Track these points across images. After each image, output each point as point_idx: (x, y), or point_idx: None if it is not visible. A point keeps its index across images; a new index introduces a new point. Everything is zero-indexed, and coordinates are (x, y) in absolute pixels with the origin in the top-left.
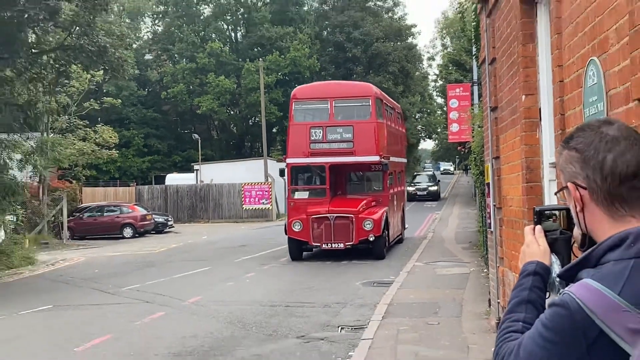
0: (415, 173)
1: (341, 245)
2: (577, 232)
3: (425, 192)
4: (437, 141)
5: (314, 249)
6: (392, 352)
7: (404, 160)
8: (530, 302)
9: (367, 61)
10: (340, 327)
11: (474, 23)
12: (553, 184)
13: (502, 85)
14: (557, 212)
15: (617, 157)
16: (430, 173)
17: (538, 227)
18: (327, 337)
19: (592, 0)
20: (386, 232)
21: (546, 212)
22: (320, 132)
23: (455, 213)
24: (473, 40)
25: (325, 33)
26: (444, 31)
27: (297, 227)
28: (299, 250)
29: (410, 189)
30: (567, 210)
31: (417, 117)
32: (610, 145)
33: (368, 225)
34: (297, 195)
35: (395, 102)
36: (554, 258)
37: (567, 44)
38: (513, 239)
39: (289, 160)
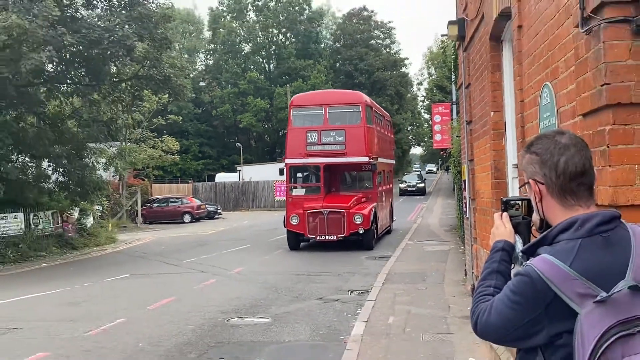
0: (406, 173)
1: (333, 237)
2: (535, 217)
3: (414, 189)
4: (424, 147)
5: (310, 240)
6: (391, 310)
7: (393, 161)
8: (499, 272)
9: (370, 86)
10: (350, 291)
11: (454, 56)
12: (515, 180)
13: (475, 104)
14: (519, 202)
15: (568, 159)
16: (418, 173)
17: (505, 213)
18: (340, 298)
19: (545, 38)
20: (375, 225)
21: (511, 202)
22: (315, 136)
23: (438, 204)
24: (452, 69)
25: (338, 64)
26: (430, 62)
27: (294, 221)
28: (296, 241)
29: (402, 185)
30: (528, 200)
31: (408, 129)
32: (563, 150)
33: (358, 219)
34: (295, 192)
35: (385, 111)
36: (517, 238)
37: (526, 72)
38: (484, 223)
39: (287, 161)
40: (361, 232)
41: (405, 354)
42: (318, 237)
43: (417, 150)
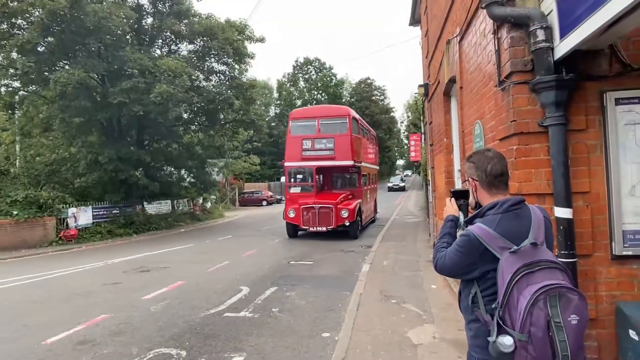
0: (392, 176)
1: (324, 229)
2: (471, 200)
3: (397, 187)
4: (404, 160)
5: (305, 230)
6: (385, 256)
7: (377, 167)
8: (449, 234)
9: (372, 124)
10: (360, 246)
11: (422, 105)
12: (458, 179)
13: (435, 134)
14: (461, 191)
15: (492, 166)
16: (401, 176)
17: (452, 199)
18: (354, 250)
19: (476, 94)
20: (359, 218)
21: (456, 191)
22: (309, 143)
23: (413, 194)
24: (421, 113)
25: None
26: (408, 109)
27: (291, 214)
28: (294, 230)
29: (389, 184)
30: (466, 191)
31: (395, 149)
32: (489, 160)
33: (344, 214)
34: (292, 190)
35: (370, 128)
36: (460, 214)
37: (465, 114)
38: (440, 205)
39: (286, 164)
40: (347, 224)
41: (394, 282)
42: (311, 228)
43: (400, 162)
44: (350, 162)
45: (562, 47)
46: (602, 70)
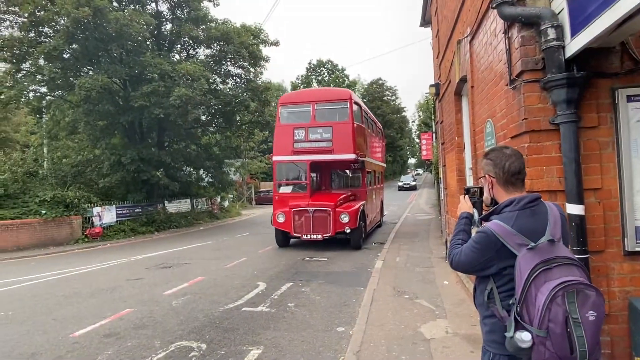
0: (403, 175)
1: (319, 237)
2: (487, 197)
3: (408, 186)
4: (416, 158)
5: (299, 238)
6: (398, 252)
7: (383, 165)
8: (464, 231)
9: (383, 124)
10: (374, 242)
11: (433, 105)
12: (470, 177)
13: (446, 133)
14: (476, 189)
15: (510, 164)
16: (411, 175)
17: (466, 196)
18: (368, 247)
19: (488, 93)
20: (363, 224)
21: (470, 189)
22: (302, 133)
23: (425, 192)
24: (432, 112)
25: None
26: (419, 108)
27: (280, 219)
28: (285, 239)
29: (400, 183)
30: (480, 188)
31: (407, 148)
32: (507, 158)
33: (345, 218)
34: (282, 190)
35: (377, 120)
36: (475, 211)
37: (476, 112)
38: (452, 203)
39: (275, 158)
40: (348, 231)
41: (406, 278)
42: (303, 236)
43: (412, 160)
44: (352, 156)
45: (573, 45)
46: (614, 68)
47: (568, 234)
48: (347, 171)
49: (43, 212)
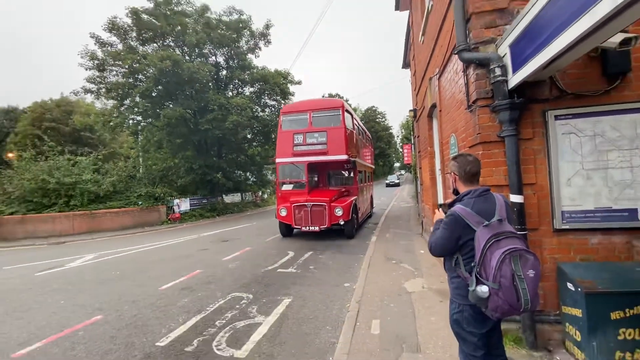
0: (389, 175)
1: (316, 228)
2: (451, 187)
3: (393, 183)
4: (400, 163)
5: (299, 229)
6: (387, 231)
7: (372, 166)
8: (439, 229)
9: (376, 139)
10: (370, 224)
11: (412, 124)
12: (439, 176)
13: (422, 144)
14: (445, 204)
15: (471, 167)
16: (396, 175)
17: (440, 209)
18: (366, 226)
19: (452, 115)
20: (355, 216)
21: (442, 204)
22: (301, 137)
23: (407, 187)
24: (412, 129)
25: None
26: (402, 127)
27: (283, 213)
28: (288, 230)
29: (387, 181)
30: (449, 204)
31: (393, 156)
32: (468, 163)
33: (339, 212)
34: (284, 187)
35: (366, 129)
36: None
37: (444, 129)
38: (425, 194)
39: (277, 160)
40: (342, 223)
41: (394, 248)
42: (303, 228)
43: (397, 164)
44: (344, 157)
45: (514, 79)
46: (545, 95)
47: (511, 215)
48: (341, 171)
49: (140, 203)
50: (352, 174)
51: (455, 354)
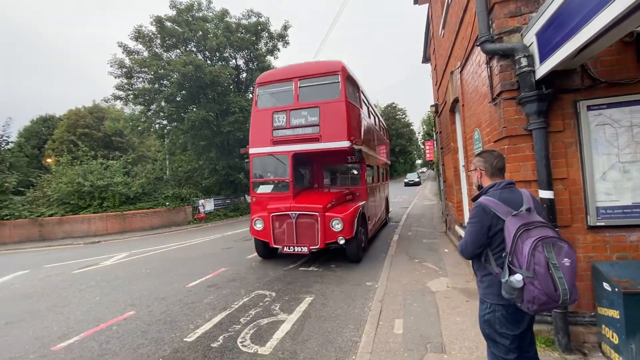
0: (409, 173)
1: (304, 249)
2: (476, 183)
3: (413, 182)
4: (422, 159)
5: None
6: (409, 229)
7: (388, 162)
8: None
9: (396, 136)
10: (392, 222)
11: (433, 120)
12: (463, 173)
13: (444, 140)
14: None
15: (497, 162)
16: (416, 173)
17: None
18: (390, 224)
19: (475, 108)
20: (363, 230)
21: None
22: (283, 118)
23: (429, 184)
24: (433, 125)
25: None
26: (423, 123)
27: (258, 226)
28: (266, 250)
29: (406, 180)
30: (473, 198)
31: (414, 153)
32: (495, 158)
33: (337, 226)
34: (260, 189)
35: (379, 115)
36: None
37: (467, 124)
38: (449, 191)
39: (251, 151)
40: (341, 242)
41: (416, 247)
42: (285, 248)
43: (419, 161)
44: (345, 144)
45: (542, 69)
46: (576, 85)
47: (540, 208)
48: (342, 165)
49: (167, 203)
50: (358, 170)
51: (483, 356)
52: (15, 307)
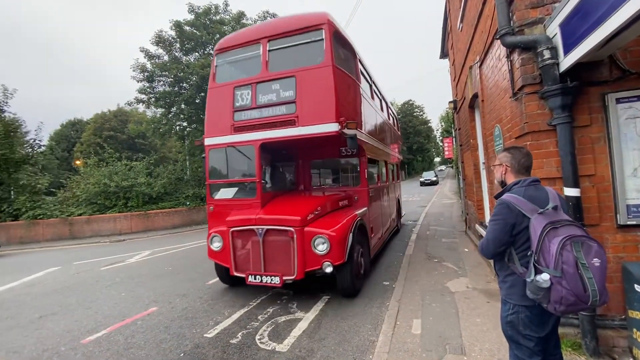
0: (425, 172)
1: (276, 280)
2: (499, 179)
3: (429, 181)
4: (440, 158)
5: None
6: (427, 228)
7: (399, 156)
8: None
9: (414, 133)
10: (408, 220)
11: (452, 116)
12: (483, 170)
13: (463, 137)
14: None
15: (525, 160)
16: (433, 172)
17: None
18: (405, 223)
19: (495, 104)
20: (361, 250)
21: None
22: (248, 94)
23: (448, 183)
24: (452, 122)
25: (399, 124)
26: (441, 119)
27: (215, 245)
28: (227, 276)
29: (422, 179)
30: (496, 195)
31: (432, 151)
32: (523, 155)
33: (321, 246)
34: (220, 194)
35: (388, 102)
36: None
37: (487, 120)
38: (469, 189)
39: (206, 142)
40: (328, 269)
41: (435, 247)
42: (250, 278)
43: (437, 159)
44: (332, 127)
45: (567, 61)
46: (603, 77)
47: (566, 207)
48: (338, 160)
49: (188, 203)
50: (357, 165)
51: (504, 358)
52: (49, 301)
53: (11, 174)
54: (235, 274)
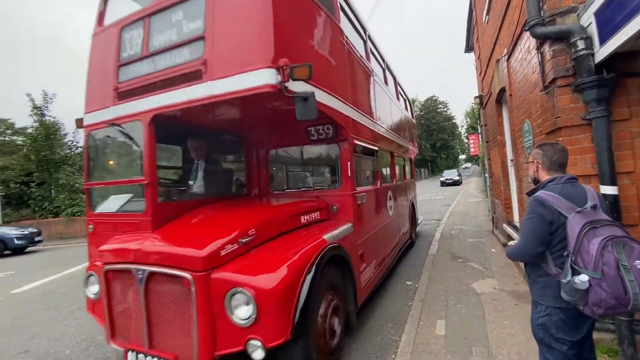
0: (446, 170)
1: None
2: (531, 176)
3: (451, 181)
4: (466, 155)
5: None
6: (452, 227)
7: (414, 149)
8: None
9: (438, 130)
10: (433, 220)
11: (478, 112)
12: (511, 168)
13: (490, 133)
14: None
15: (557, 157)
16: (456, 170)
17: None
18: (427, 223)
19: (524, 98)
20: (333, 304)
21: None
22: (139, 37)
23: (474, 181)
24: (478, 118)
25: (422, 121)
26: (467, 115)
27: (92, 292)
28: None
29: (442, 179)
30: (528, 193)
31: (457, 148)
32: (556, 152)
33: (241, 310)
34: (103, 206)
35: (396, 76)
36: None
37: (515, 115)
38: (496, 187)
39: (85, 119)
40: (256, 356)
41: (460, 247)
42: (129, 355)
43: (462, 156)
44: (263, 76)
45: (602, 52)
46: None
47: (606, 207)
48: (307, 148)
49: None
50: (336, 156)
51: None
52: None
53: (52, 173)
54: (112, 344)
